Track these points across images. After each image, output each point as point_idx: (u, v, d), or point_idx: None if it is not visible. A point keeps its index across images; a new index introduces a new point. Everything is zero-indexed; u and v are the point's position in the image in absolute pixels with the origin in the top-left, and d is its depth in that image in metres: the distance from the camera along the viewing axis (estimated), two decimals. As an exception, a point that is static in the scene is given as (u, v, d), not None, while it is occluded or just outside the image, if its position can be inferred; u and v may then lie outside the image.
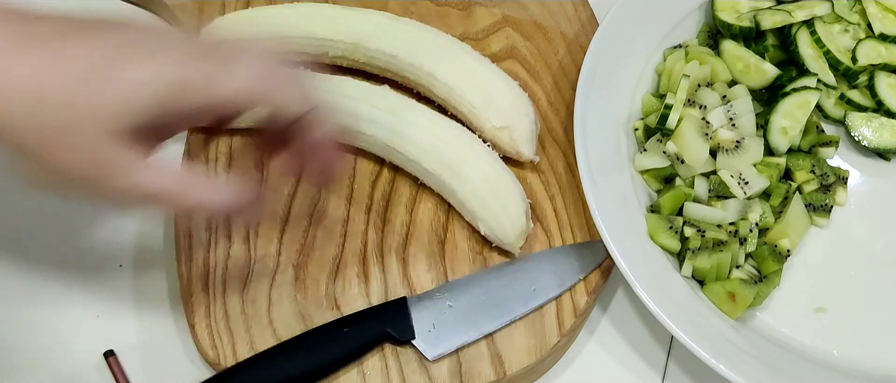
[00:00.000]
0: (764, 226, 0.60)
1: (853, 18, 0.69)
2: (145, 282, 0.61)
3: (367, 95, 0.61)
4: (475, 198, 0.58)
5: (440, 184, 0.59)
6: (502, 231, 0.57)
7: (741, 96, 0.63)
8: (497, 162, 0.59)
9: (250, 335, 0.56)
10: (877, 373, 0.58)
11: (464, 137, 0.60)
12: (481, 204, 0.57)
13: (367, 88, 0.61)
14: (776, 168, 0.62)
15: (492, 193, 0.57)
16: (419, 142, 0.59)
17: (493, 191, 0.58)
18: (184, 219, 0.60)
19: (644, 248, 0.58)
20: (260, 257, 0.59)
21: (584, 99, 0.62)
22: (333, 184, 0.61)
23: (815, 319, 0.60)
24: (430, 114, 0.61)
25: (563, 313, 0.57)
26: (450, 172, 0.58)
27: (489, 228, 0.58)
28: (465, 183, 0.58)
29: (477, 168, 0.58)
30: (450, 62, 0.62)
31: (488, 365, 0.55)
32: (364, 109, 0.60)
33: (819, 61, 0.67)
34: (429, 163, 0.59)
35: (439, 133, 0.59)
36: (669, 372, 0.59)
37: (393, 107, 0.60)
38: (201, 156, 0.63)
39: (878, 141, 0.66)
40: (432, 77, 0.62)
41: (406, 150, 0.59)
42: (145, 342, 0.59)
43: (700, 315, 0.56)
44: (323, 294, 0.58)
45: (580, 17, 0.71)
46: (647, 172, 0.62)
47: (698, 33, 0.70)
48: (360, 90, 0.61)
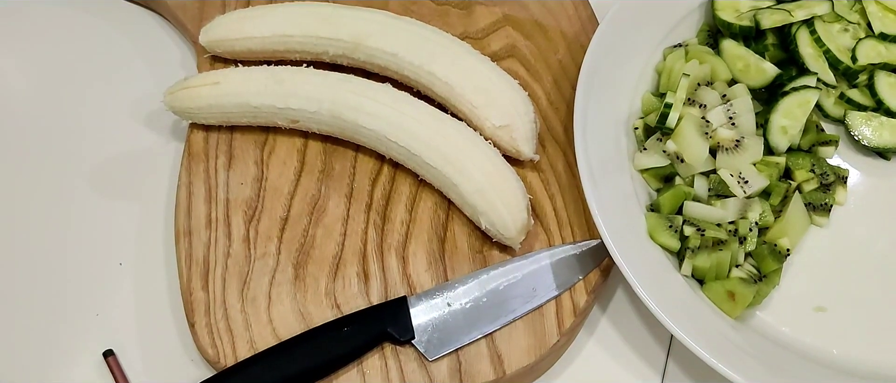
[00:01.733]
0: (764, 225, 0.60)
1: (853, 18, 0.69)
2: (145, 280, 0.61)
3: (368, 91, 0.61)
4: (476, 193, 0.58)
5: (441, 179, 0.59)
6: (504, 224, 0.57)
7: (741, 95, 0.63)
8: (498, 157, 0.59)
9: (250, 334, 0.56)
10: (877, 373, 0.58)
11: (465, 133, 0.60)
12: (482, 198, 0.57)
13: (369, 84, 0.62)
14: (776, 167, 0.62)
15: (493, 187, 0.57)
16: (420, 136, 0.59)
17: (494, 185, 0.58)
18: (183, 217, 0.60)
19: (644, 247, 0.58)
20: (260, 256, 0.59)
21: (585, 98, 0.62)
22: None
23: (814, 318, 0.60)
24: (430, 110, 0.61)
25: (563, 312, 0.57)
26: (451, 167, 0.58)
27: (490, 222, 0.58)
28: (466, 177, 0.58)
29: (478, 163, 0.58)
30: (450, 61, 0.62)
31: (488, 364, 0.55)
32: (366, 104, 0.60)
33: (819, 60, 0.67)
34: (430, 157, 0.59)
35: (440, 128, 0.59)
36: (669, 372, 0.59)
37: (394, 102, 0.60)
38: (202, 155, 0.63)
39: (878, 140, 0.66)
40: (432, 75, 0.62)
41: (408, 145, 0.59)
42: (145, 341, 0.59)
43: (700, 314, 0.56)
44: (323, 292, 0.58)
45: (580, 16, 0.72)
46: (647, 171, 0.62)
47: (698, 32, 0.70)
48: (362, 86, 0.61)
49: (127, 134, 0.68)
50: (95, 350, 0.58)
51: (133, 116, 0.69)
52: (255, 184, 0.62)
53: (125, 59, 0.72)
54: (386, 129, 0.60)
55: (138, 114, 0.69)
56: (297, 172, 0.63)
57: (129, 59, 0.72)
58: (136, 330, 0.59)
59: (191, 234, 0.60)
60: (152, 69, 0.71)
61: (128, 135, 0.68)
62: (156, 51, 0.72)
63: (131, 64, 0.71)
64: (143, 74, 0.71)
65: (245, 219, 0.61)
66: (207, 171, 0.62)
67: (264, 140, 0.64)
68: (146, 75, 0.71)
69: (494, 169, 0.58)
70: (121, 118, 0.68)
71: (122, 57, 0.72)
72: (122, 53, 0.72)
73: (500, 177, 0.58)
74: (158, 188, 0.65)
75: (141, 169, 0.66)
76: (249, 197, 0.62)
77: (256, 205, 0.61)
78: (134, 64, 0.71)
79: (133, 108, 0.69)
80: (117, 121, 0.68)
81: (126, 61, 0.72)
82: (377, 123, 0.60)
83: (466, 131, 0.60)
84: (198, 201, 0.61)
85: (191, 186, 0.62)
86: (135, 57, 0.72)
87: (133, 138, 0.68)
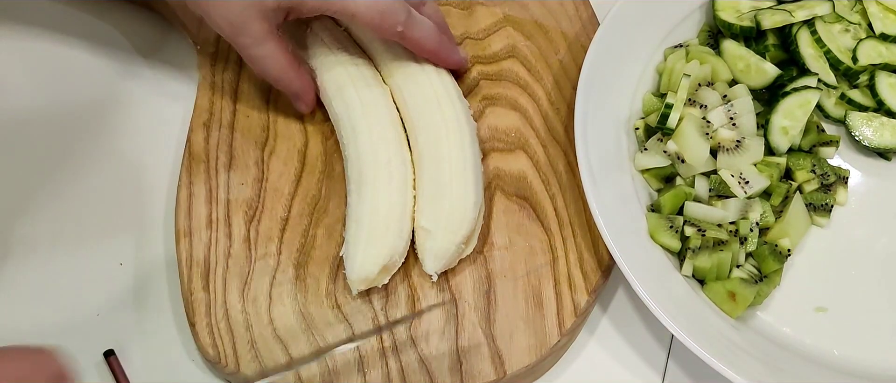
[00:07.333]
0: (764, 225, 0.60)
1: (854, 18, 0.69)
2: (145, 280, 0.61)
3: (360, 81, 0.62)
4: (357, 219, 0.57)
5: (348, 193, 0.59)
6: (350, 262, 0.56)
7: (742, 96, 0.63)
8: (404, 209, 0.58)
9: (251, 334, 0.56)
10: (877, 373, 0.58)
11: (400, 169, 0.59)
12: (356, 224, 0.56)
13: (367, 79, 0.63)
14: (777, 167, 0.62)
15: (372, 225, 0.56)
16: (361, 143, 0.59)
17: (375, 225, 0.56)
18: (184, 217, 0.60)
19: (644, 248, 0.58)
20: (260, 256, 0.59)
21: (585, 98, 0.62)
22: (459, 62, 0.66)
23: (815, 319, 0.60)
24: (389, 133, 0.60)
25: (564, 312, 0.57)
26: (357, 186, 0.58)
27: (346, 253, 0.57)
28: (361, 200, 0.57)
29: (383, 196, 0.57)
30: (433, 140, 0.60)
31: (489, 364, 0.55)
32: (349, 92, 0.61)
33: (820, 61, 0.67)
34: (353, 167, 0.59)
35: (379, 151, 0.59)
36: (669, 372, 0.59)
37: (369, 103, 0.61)
38: (202, 155, 0.63)
39: (879, 140, 0.66)
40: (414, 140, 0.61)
41: (348, 142, 0.60)
42: (145, 341, 0.59)
43: (700, 314, 0.56)
44: (323, 293, 0.58)
45: (581, 16, 0.72)
46: (648, 171, 0.62)
47: (699, 33, 0.70)
48: (359, 77, 0.62)
49: (126, 133, 0.68)
50: (96, 350, 0.57)
51: (133, 116, 0.69)
52: (256, 185, 0.62)
53: (125, 59, 0.72)
54: (345, 121, 0.61)
55: (138, 113, 0.69)
56: (297, 173, 0.63)
57: (129, 59, 0.72)
58: (137, 330, 0.59)
59: (191, 234, 0.59)
60: (152, 69, 0.71)
61: (127, 134, 0.68)
62: (156, 51, 0.72)
63: (131, 64, 0.71)
64: (142, 74, 0.71)
65: (246, 220, 0.60)
66: (208, 172, 0.62)
67: (265, 140, 0.64)
68: (146, 75, 0.71)
69: (388, 213, 0.57)
70: (120, 118, 0.68)
71: (122, 57, 0.72)
72: (123, 53, 0.72)
73: (384, 226, 0.56)
74: (158, 188, 0.65)
75: (141, 168, 0.66)
76: (250, 197, 0.62)
77: (257, 206, 0.61)
78: (134, 64, 0.71)
79: (133, 108, 0.69)
80: (116, 121, 0.68)
81: (126, 61, 0.72)
82: (342, 108, 0.61)
83: (405, 170, 0.59)
84: (198, 201, 0.61)
85: (191, 186, 0.62)
86: (135, 56, 0.72)
87: (132, 138, 0.67)
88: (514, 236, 0.60)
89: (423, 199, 0.58)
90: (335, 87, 0.62)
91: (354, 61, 0.64)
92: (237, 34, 0.59)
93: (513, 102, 0.67)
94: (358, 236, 0.56)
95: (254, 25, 0.58)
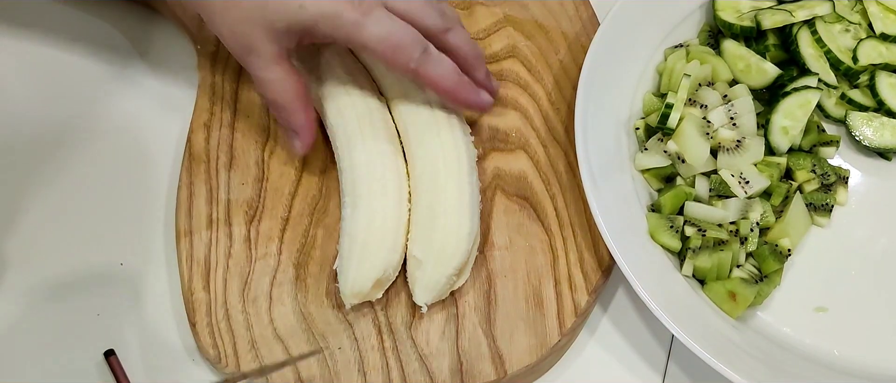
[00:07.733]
0: (765, 225, 0.60)
1: (854, 18, 0.69)
2: (146, 280, 0.61)
3: (355, 90, 0.61)
4: (346, 235, 0.56)
5: (342, 206, 0.59)
6: (343, 276, 0.55)
7: (742, 96, 0.63)
8: (398, 225, 0.57)
9: (251, 334, 0.56)
10: (877, 373, 0.58)
11: (394, 183, 0.58)
12: (349, 241, 0.56)
13: (359, 91, 0.62)
14: (777, 167, 0.62)
15: (367, 240, 0.55)
16: (356, 157, 0.58)
17: (368, 240, 0.55)
18: (184, 217, 0.60)
19: (645, 248, 0.58)
20: (261, 256, 0.59)
21: (585, 98, 0.62)
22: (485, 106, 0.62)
23: (815, 319, 0.60)
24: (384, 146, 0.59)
25: (564, 312, 0.57)
26: (351, 198, 0.57)
27: (340, 267, 0.56)
28: (356, 214, 0.56)
29: (377, 212, 0.56)
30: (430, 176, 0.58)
31: (489, 363, 0.55)
32: (344, 102, 0.60)
33: (820, 61, 0.67)
34: (347, 179, 0.58)
35: (374, 164, 0.58)
36: (669, 372, 0.59)
37: (364, 115, 0.60)
38: (203, 155, 0.63)
39: (879, 140, 0.66)
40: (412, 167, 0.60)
41: (342, 156, 0.59)
42: (146, 341, 0.59)
43: (700, 314, 0.56)
44: (324, 293, 0.58)
45: (581, 16, 0.72)
46: (648, 171, 0.62)
47: (699, 33, 0.70)
48: (354, 91, 0.61)
49: (126, 133, 0.68)
50: (96, 350, 0.57)
51: (132, 116, 0.68)
52: (257, 185, 0.62)
53: (125, 59, 0.72)
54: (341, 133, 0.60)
55: (138, 113, 0.69)
56: (298, 172, 0.63)
57: (129, 59, 0.72)
58: (137, 330, 0.59)
59: (192, 234, 0.59)
60: (152, 69, 0.71)
61: (127, 134, 0.68)
62: (156, 51, 0.72)
63: (131, 64, 0.71)
64: (142, 74, 0.71)
65: (246, 220, 0.60)
66: (208, 171, 0.62)
67: (265, 140, 0.64)
68: (146, 75, 0.71)
69: (382, 228, 0.56)
70: (120, 118, 0.68)
71: (122, 56, 0.72)
72: (122, 53, 0.72)
73: (377, 241, 0.55)
74: (159, 188, 0.65)
75: (141, 168, 0.66)
76: (250, 197, 0.62)
77: (257, 206, 0.61)
78: (134, 63, 0.71)
79: (132, 108, 0.69)
80: (117, 121, 0.68)
81: (125, 61, 0.71)
82: (338, 120, 0.60)
83: (400, 184, 0.58)
84: (199, 201, 0.61)
85: (192, 186, 0.62)
86: (135, 57, 0.72)
87: (132, 138, 0.67)
88: (514, 236, 0.60)
89: (416, 227, 0.57)
90: (331, 98, 0.61)
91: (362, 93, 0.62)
92: (246, 53, 0.56)
93: (513, 102, 0.67)
94: (351, 251, 0.55)
95: (264, 46, 0.56)
